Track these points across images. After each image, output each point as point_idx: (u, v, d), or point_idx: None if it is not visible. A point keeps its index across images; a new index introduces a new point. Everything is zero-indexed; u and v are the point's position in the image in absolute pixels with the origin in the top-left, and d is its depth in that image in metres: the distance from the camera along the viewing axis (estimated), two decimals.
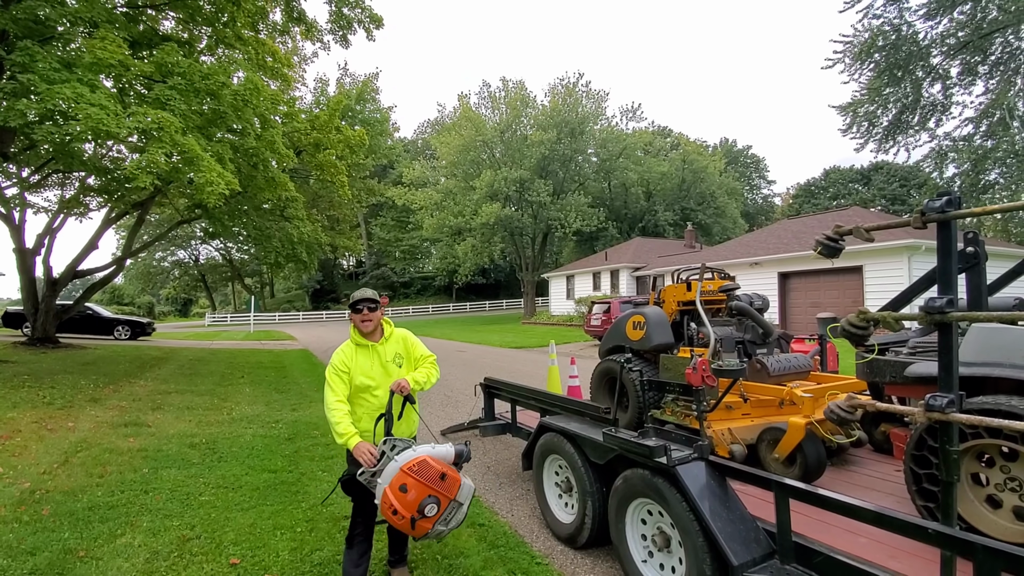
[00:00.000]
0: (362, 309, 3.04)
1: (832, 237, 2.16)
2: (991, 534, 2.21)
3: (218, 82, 8.76)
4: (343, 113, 18.24)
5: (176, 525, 4.02)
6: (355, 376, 3.04)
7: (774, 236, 21.37)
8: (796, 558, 2.40)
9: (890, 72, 17.67)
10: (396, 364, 3.16)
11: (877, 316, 2.02)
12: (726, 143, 61.25)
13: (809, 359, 3.74)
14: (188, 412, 7.88)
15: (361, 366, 3.07)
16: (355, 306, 3.06)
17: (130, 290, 54.62)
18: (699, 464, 2.76)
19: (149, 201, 15.14)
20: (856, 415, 2.11)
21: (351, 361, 3.06)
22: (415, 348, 3.30)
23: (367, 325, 3.07)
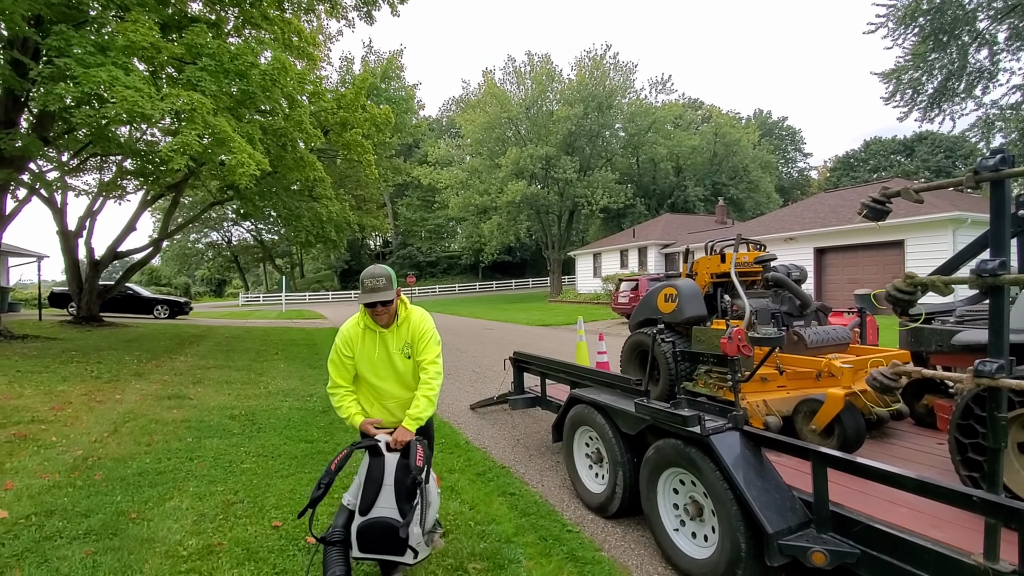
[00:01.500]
0: (375, 306, 2.72)
1: (879, 199, 2.08)
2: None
3: (246, 62, 8.85)
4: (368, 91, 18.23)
5: (220, 490, 4.19)
6: (358, 363, 2.83)
7: (810, 210, 20.72)
8: (833, 527, 2.38)
9: (935, 37, 16.79)
10: (404, 354, 2.84)
11: (925, 280, 1.95)
12: (760, 115, 59.25)
13: (848, 331, 3.64)
14: (227, 386, 8.16)
15: (366, 352, 2.82)
16: (369, 305, 2.73)
17: (167, 271, 56.42)
18: (733, 434, 2.74)
19: (183, 183, 15.52)
20: (900, 382, 2.05)
21: (356, 344, 2.81)
22: (422, 344, 2.84)
23: (381, 319, 2.78)
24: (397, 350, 2.83)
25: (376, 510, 2.51)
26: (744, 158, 42.86)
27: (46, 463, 4.61)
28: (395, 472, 2.57)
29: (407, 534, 2.45)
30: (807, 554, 2.30)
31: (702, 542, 2.87)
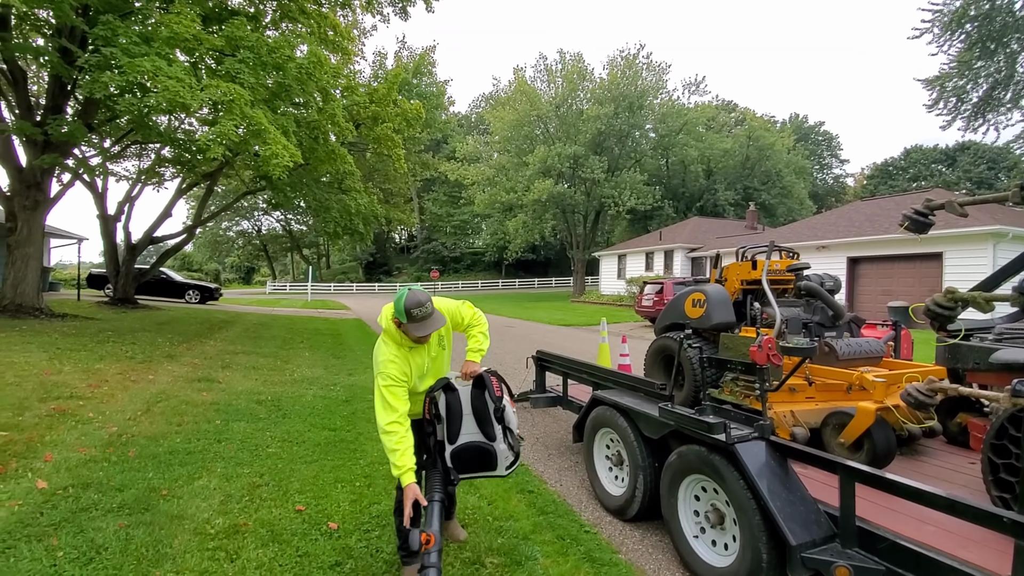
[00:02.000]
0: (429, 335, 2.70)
1: (921, 211, 2.03)
2: None
3: (284, 55, 9.03)
4: (400, 86, 18.41)
5: (247, 472, 4.30)
6: (415, 383, 2.74)
7: (844, 218, 20.20)
8: (859, 543, 2.34)
9: (982, 44, 16.20)
10: (441, 347, 2.90)
11: (967, 296, 1.90)
12: (796, 119, 57.94)
13: (882, 344, 3.55)
14: (254, 372, 8.36)
15: (416, 369, 2.75)
16: (420, 339, 2.68)
17: (198, 257, 57.92)
18: (759, 443, 2.71)
19: (217, 172, 15.91)
20: (935, 399, 2.01)
21: (407, 366, 2.67)
22: (458, 318, 2.94)
23: (423, 340, 2.72)
24: (436, 346, 2.89)
25: (462, 437, 2.79)
26: (778, 163, 41.98)
27: (83, 438, 4.79)
28: (471, 402, 2.84)
29: (495, 451, 2.77)
30: (831, 568, 2.26)
31: (722, 550, 2.84)
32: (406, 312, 2.56)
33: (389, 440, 2.53)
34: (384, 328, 2.73)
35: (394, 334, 2.68)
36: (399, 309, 2.60)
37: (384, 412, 2.55)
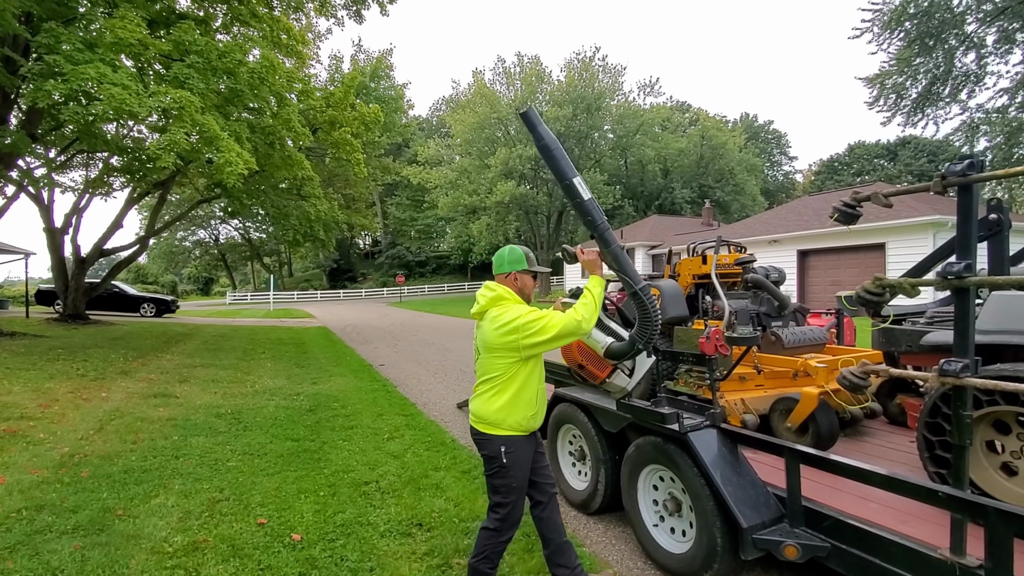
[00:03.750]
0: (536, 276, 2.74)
1: (849, 203, 2.15)
2: (1006, 501, 2.23)
3: (235, 60, 8.81)
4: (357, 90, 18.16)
5: (206, 488, 4.20)
6: None
7: (794, 213, 20.99)
8: (805, 522, 2.45)
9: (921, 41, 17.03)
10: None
11: (893, 282, 2.02)
12: (746, 118, 59.81)
13: (825, 332, 3.73)
14: (213, 385, 8.13)
15: None
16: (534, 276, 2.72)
17: (154, 269, 55.71)
18: (711, 431, 2.81)
19: (170, 181, 15.36)
20: (868, 381, 2.12)
21: None
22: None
23: (531, 296, 2.72)
24: None
25: None
26: (730, 161, 43.27)
27: (35, 459, 4.61)
28: None
29: None
30: (780, 548, 2.37)
31: (680, 537, 2.93)
32: (526, 257, 2.65)
33: (588, 312, 2.42)
34: (499, 296, 2.55)
35: (514, 296, 2.58)
36: (516, 257, 2.65)
37: (556, 324, 2.37)
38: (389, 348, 13.17)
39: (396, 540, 3.42)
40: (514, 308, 2.49)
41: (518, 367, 2.47)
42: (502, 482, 2.53)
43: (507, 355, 2.45)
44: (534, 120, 2.52)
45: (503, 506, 2.54)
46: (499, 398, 2.48)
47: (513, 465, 2.51)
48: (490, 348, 2.50)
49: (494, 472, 2.53)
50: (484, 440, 2.54)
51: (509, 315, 2.43)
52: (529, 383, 2.52)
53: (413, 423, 6.19)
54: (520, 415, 2.51)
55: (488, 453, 2.54)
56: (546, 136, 2.51)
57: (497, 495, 2.55)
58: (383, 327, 19.02)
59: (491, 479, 2.56)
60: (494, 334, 2.45)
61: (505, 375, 2.47)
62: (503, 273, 2.66)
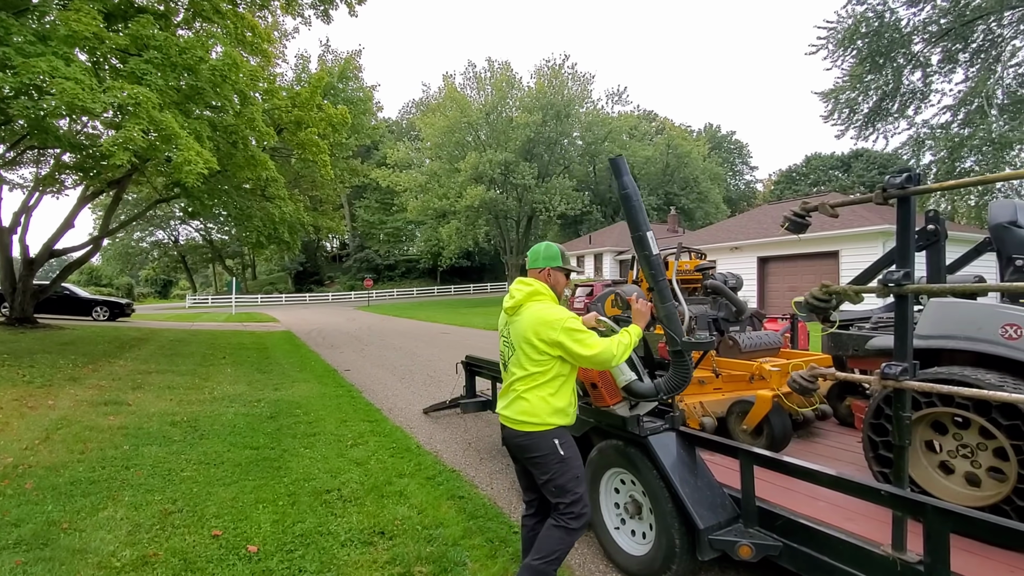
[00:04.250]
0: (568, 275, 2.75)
1: (799, 213, 2.24)
2: (944, 499, 2.34)
3: (195, 56, 8.56)
4: (325, 91, 17.87)
5: (158, 499, 4.05)
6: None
7: (754, 221, 21.63)
8: (759, 522, 2.52)
9: (872, 59, 17.79)
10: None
11: (839, 289, 2.11)
12: (710, 128, 61.44)
13: (779, 336, 3.86)
14: (169, 391, 7.84)
15: None
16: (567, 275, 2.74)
17: (108, 271, 53.47)
18: (670, 435, 2.87)
19: (126, 179, 14.78)
20: (816, 384, 2.21)
21: None
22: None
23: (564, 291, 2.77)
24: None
25: None
26: (695, 170, 44.38)
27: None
28: None
29: None
30: (734, 548, 2.43)
31: (640, 539, 2.97)
32: (561, 255, 2.65)
33: (617, 348, 2.43)
34: (535, 291, 2.54)
35: (549, 291, 2.59)
36: (552, 254, 2.64)
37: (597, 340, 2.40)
38: (355, 353, 12.96)
39: (357, 549, 3.36)
40: (558, 307, 2.50)
41: (557, 362, 2.44)
42: (567, 477, 2.45)
43: (546, 350, 2.40)
44: (622, 168, 2.66)
45: (577, 503, 2.45)
46: (546, 393, 2.45)
47: (572, 455, 2.49)
48: (528, 342, 2.43)
49: (556, 471, 2.44)
50: (534, 440, 2.46)
51: (556, 313, 2.41)
52: (572, 373, 2.56)
53: (378, 429, 6.10)
54: (569, 407, 2.54)
55: (541, 453, 2.45)
56: (630, 186, 2.63)
57: (567, 494, 2.44)
58: (350, 331, 18.72)
59: (553, 480, 2.45)
60: (535, 327, 2.40)
61: (544, 370, 2.43)
62: (537, 268, 2.65)
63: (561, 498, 2.45)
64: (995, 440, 2.17)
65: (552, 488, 2.47)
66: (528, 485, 2.73)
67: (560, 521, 2.45)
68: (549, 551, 2.43)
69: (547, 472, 2.46)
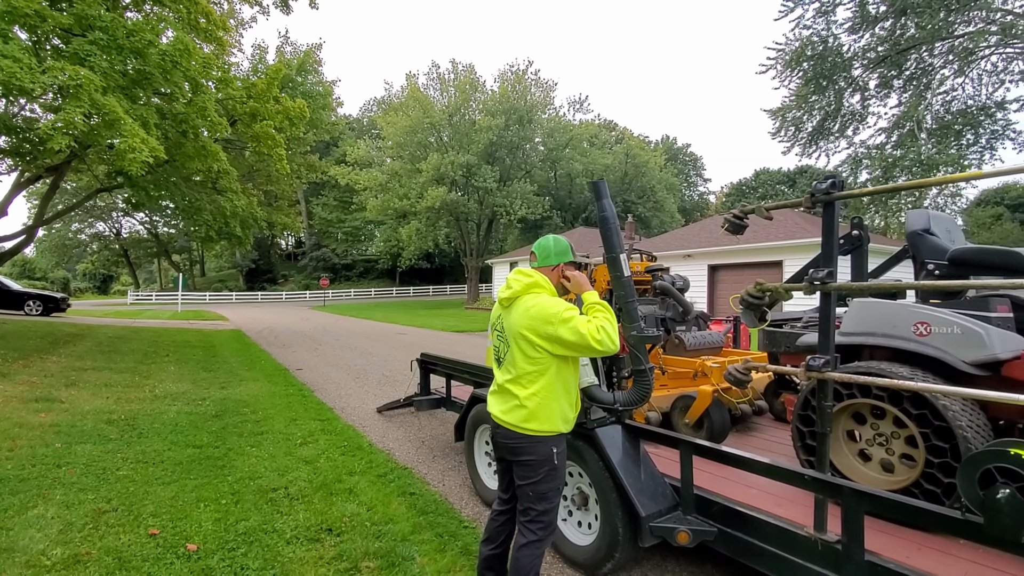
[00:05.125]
0: None
1: (738, 215, 2.38)
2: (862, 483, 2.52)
3: (144, 40, 8.21)
4: (283, 84, 17.42)
5: (91, 498, 3.87)
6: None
7: (706, 231, 22.40)
8: (697, 509, 2.64)
9: (816, 81, 18.75)
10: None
11: (770, 287, 2.25)
12: (667, 140, 63.19)
13: (722, 336, 4.04)
14: (106, 389, 7.48)
15: None
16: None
17: (43, 264, 50.26)
18: (616, 427, 2.96)
19: (65, 166, 13.95)
20: (749, 376, 2.34)
21: None
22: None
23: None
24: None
25: None
26: (652, 179, 45.51)
27: None
28: None
29: None
30: (673, 534, 2.55)
31: (586, 530, 3.06)
32: (572, 249, 2.61)
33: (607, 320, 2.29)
34: (535, 283, 2.43)
35: (550, 286, 2.47)
36: (563, 249, 2.57)
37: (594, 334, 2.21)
38: (309, 352, 12.67)
39: (303, 546, 3.31)
40: (554, 299, 2.37)
41: (558, 362, 2.33)
42: (551, 485, 2.37)
43: (542, 345, 2.28)
44: (602, 191, 2.77)
45: (549, 512, 2.38)
46: (550, 396, 2.32)
47: (562, 465, 2.41)
48: (523, 338, 2.31)
49: (543, 477, 2.34)
50: (532, 444, 2.33)
51: (554, 306, 2.28)
52: (575, 378, 2.46)
53: (329, 428, 6.00)
54: (571, 412, 2.44)
55: (536, 458, 2.33)
56: (608, 209, 2.74)
57: (543, 502, 2.36)
58: (303, 331, 18.27)
59: (535, 486, 2.35)
60: (530, 321, 2.29)
61: (543, 369, 2.31)
62: (550, 266, 2.53)
63: (535, 504, 2.38)
64: (907, 429, 2.37)
65: (530, 492, 2.38)
66: (508, 485, 2.61)
67: (528, 534, 2.38)
68: (527, 570, 2.35)
69: (534, 477, 2.36)
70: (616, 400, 2.69)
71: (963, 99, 18.33)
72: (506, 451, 2.46)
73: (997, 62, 16.52)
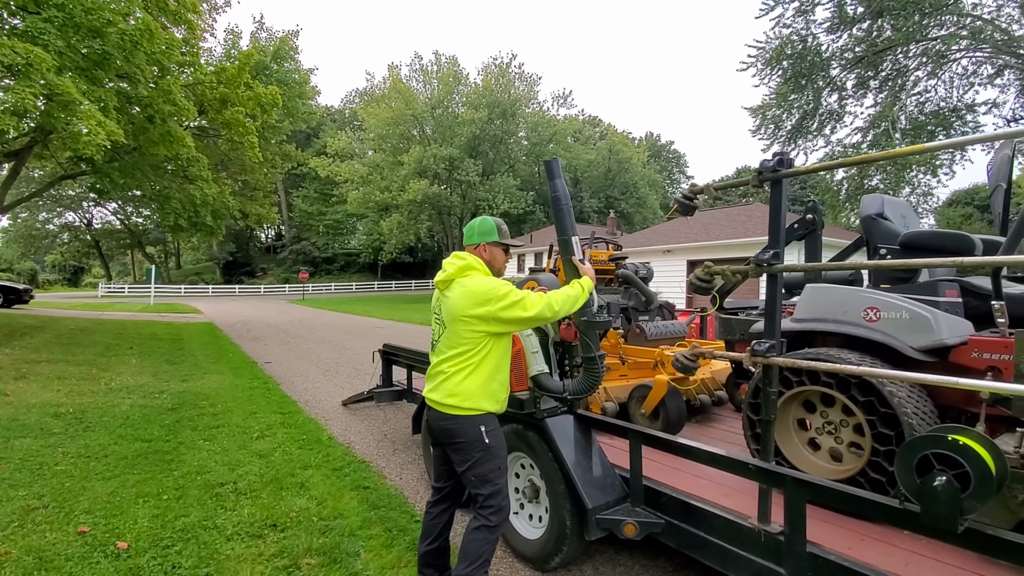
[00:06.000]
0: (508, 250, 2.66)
1: (688, 196, 2.28)
2: (811, 473, 2.45)
3: (102, 19, 7.88)
4: (257, 70, 16.99)
5: (22, 495, 3.67)
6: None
7: (686, 226, 22.51)
8: (645, 500, 2.55)
9: (795, 80, 18.89)
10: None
11: (717, 270, 2.16)
12: (651, 137, 63.47)
13: (684, 326, 3.97)
14: (58, 382, 7.20)
15: None
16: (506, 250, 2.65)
17: (8, 254, 48.75)
18: (567, 417, 2.86)
19: (25, 152, 13.45)
20: (697, 363, 2.26)
21: None
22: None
23: (502, 270, 2.65)
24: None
25: None
26: (634, 175, 45.69)
27: None
28: None
29: None
30: (620, 526, 2.45)
31: (536, 523, 2.96)
32: (498, 229, 2.58)
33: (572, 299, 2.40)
34: (468, 265, 2.43)
35: (483, 267, 2.48)
36: (487, 228, 2.56)
37: (534, 305, 2.28)
38: (281, 346, 12.40)
39: (243, 543, 3.16)
40: (489, 278, 2.40)
41: (491, 341, 2.34)
42: (489, 467, 2.34)
43: (478, 326, 2.29)
44: (555, 171, 2.73)
45: (496, 495, 2.34)
46: (477, 374, 2.33)
47: (497, 445, 2.38)
48: (458, 319, 2.32)
49: (477, 459, 2.33)
50: (459, 424, 2.33)
51: (487, 284, 2.31)
52: (506, 358, 2.46)
53: (289, 421, 5.83)
54: (501, 392, 2.44)
55: (465, 439, 2.33)
56: (560, 189, 2.69)
57: (486, 485, 2.33)
58: (278, 324, 17.93)
59: (473, 469, 2.34)
60: (466, 302, 2.29)
61: (477, 349, 2.32)
62: (472, 244, 2.57)
63: (480, 488, 2.35)
64: (855, 417, 2.30)
65: (472, 477, 2.36)
66: (441, 473, 2.60)
67: (480, 519, 2.35)
68: (476, 555, 2.30)
69: (469, 459, 2.34)
70: (565, 388, 2.62)
71: (936, 101, 18.60)
72: (438, 433, 2.43)
73: (968, 65, 16.80)
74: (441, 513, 2.63)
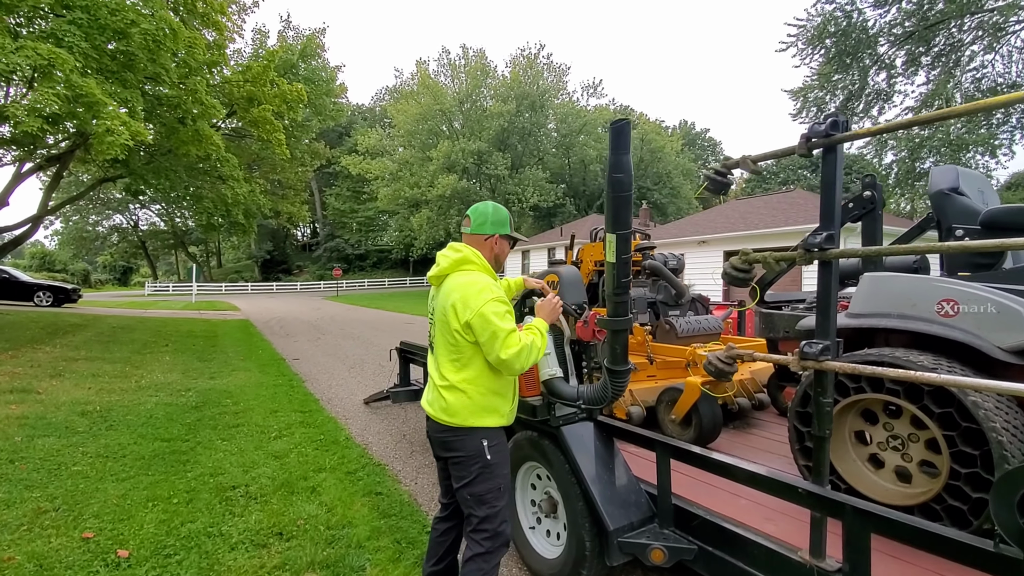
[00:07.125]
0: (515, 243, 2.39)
1: (720, 171, 1.95)
2: (872, 496, 2.10)
3: (126, 19, 7.93)
4: (285, 69, 17.12)
5: (36, 496, 3.63)
6: None
7: (722, 216, 21.68)
8: (675, 522, 2.25)
9: (839, 58, 17.87)
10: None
11: (758, 257, 1.83)
12: (685, 125, 61.77)
13: (720, 321, 3.61)
14: (91, 379, 7.31)
15: None
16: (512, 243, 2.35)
17: (63, 256, 51.15)
18: (586, 424, 2.57)
19: (68, 156, 13.88)
20: (734, 367, 1.93)
21: None
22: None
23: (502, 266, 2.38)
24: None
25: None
26: (668, 165, 44.48)
27: None
28: None
29: None
30: (646, 552, 2.16)
31: (555, 540, 2.68)
32: (511, 222, 2.29)
33: (535, 350, 2.03)
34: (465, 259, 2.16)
35: (483, 261, 2.18)
36: (502, 218, 2.25)
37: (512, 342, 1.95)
38: (310, 342, 12.46)
39: (246, 553, 3.01)
40: (485, 282, 2.06)
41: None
42: (488, 486, 2.08)
43: (459, 330, 2.00)
44: (621, 143, 2.12)
45: (493, 518, 2.08)
46: (478, 383, 2.06)
47: (499, 462, 2.11)
48: (444, 321, 2.06)
49: (476, 476, 2.07)
50: (459, 437, 2.08)
51: (479, 290, 1.99)
52: None
53: (309, 420, 5.72)
54: (504, 403, 2.15)
55: (465, 453, 2.08)
56: (625, 168, 2.14)
57: (483, 506, 2.08)
58: (310, 321, 18.13)
59: (470, 487, 2.08)
60: (455, 305, 2.00)
61: (473, 355, 2.04)
62: (484, 234, 2.23)
63: (474, 510, 2.09)
64: (927, 431, 1.93)
65: (467, 495, 2.11)
66: (448, 488, 2.34)
67: (473, 547, 2.08)
68: None
69: (466, 476, 2.09)
70: (580, 396, 2.30)
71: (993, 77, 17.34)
72: (437, 445, 2.21)
73: None
74: (448, 531, 2.40)
